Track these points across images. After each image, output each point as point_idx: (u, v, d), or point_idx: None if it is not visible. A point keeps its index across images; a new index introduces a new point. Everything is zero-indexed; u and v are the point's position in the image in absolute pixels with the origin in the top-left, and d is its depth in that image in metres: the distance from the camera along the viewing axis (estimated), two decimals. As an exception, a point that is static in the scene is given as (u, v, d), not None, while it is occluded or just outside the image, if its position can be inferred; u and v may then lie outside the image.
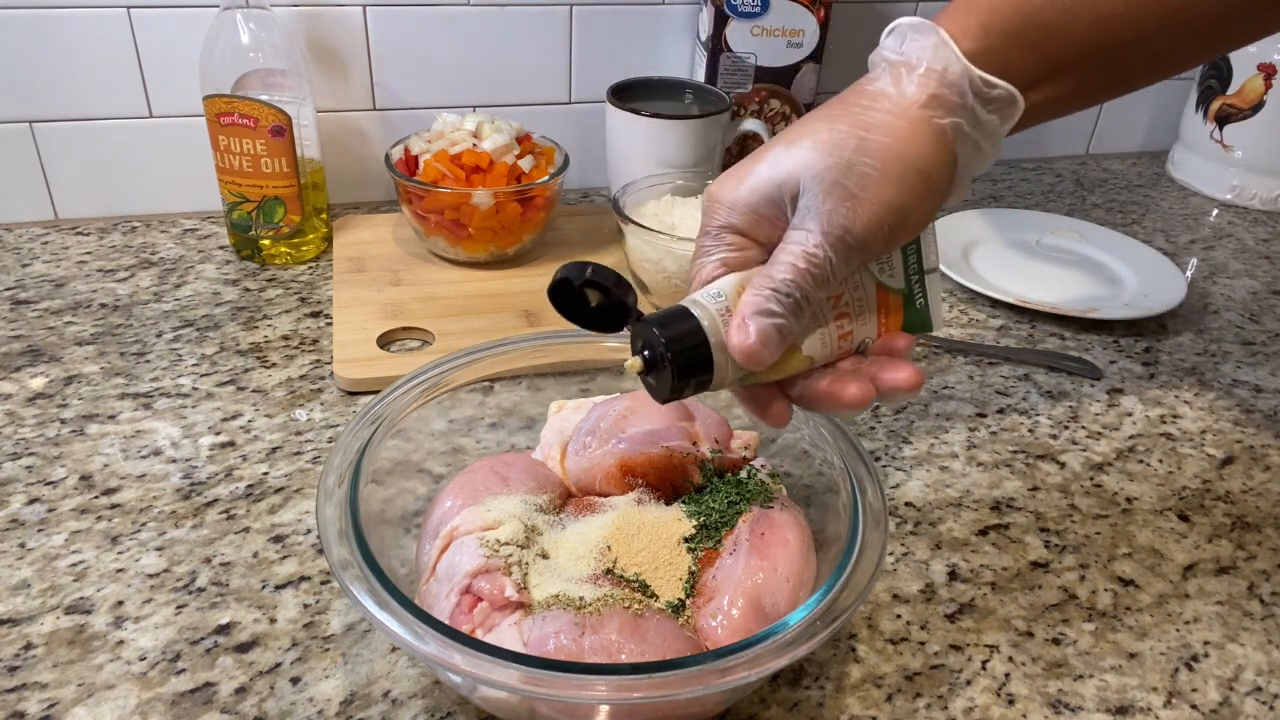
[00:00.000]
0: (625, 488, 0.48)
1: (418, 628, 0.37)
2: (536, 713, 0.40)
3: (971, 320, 0.79)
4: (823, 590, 0.40)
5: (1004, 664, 0.49)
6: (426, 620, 0.37)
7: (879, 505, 0.45)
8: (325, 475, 0.44)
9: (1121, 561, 0.56)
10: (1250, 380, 0.74)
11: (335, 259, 0.79)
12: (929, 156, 0.40)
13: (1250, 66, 1.00)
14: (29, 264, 0.78)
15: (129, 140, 0.83)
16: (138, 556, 0.52)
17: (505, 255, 0.80)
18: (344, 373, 0.65)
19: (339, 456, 0.45)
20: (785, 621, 0.39)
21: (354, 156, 0.89)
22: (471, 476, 0.47)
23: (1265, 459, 0.65)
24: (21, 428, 0.60)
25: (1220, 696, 0.48)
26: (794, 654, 0.37)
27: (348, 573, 0.39)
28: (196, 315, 0.73)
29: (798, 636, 0.38)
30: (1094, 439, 0.66)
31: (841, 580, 0.40)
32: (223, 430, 0.61)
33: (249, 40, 0.72)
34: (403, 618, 0.37)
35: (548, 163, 0.81)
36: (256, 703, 0.44)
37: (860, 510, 0.44)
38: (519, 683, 0.35)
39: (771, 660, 0.37)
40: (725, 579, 0.43)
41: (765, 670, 0.37)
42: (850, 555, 0.42)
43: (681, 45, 0.93)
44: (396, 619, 0.37)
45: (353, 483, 0.43)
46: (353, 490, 0.43)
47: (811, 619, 0.39)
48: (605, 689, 0.36)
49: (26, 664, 0.45)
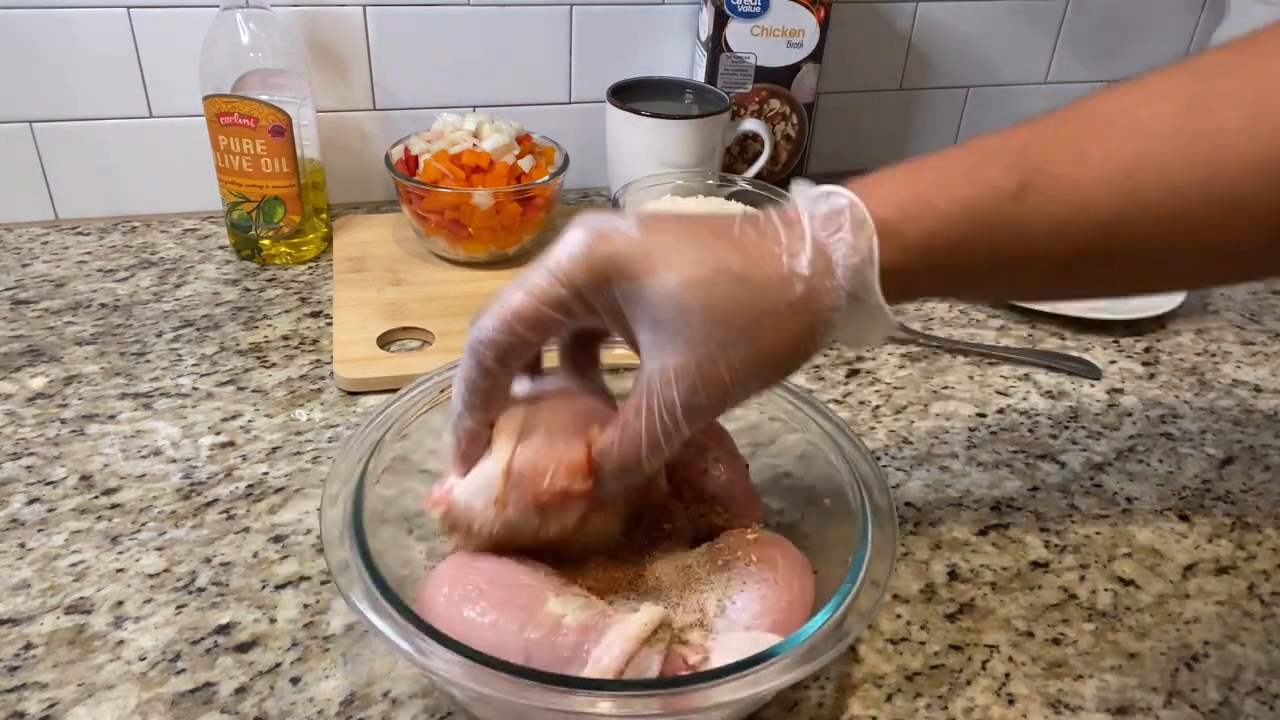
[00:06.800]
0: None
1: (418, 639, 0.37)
2: None
3: (971, 320, 0.79)
4: (837, 597, 0.40)
5: (1004, 664, 0.49)
6: (424, 628, 0.37)
7: (886, 506, 0.45)
8: (330, 481, 0.44)
9: (1121, 561, 0.56)
10: (1250, 380, 0.74)
11: (335, 259, 0.79)
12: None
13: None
14: (29, 264, 0.78)
15: (129, 140, 0.83)
16: (138, 556, 0.52)
17: (505, 255, 0.80)
18: (344, 373, 0.65)
19: (344, 464, 0.45)
20: (801, 633, 0.38)
21: (354, 156, 0.89)
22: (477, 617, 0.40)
23: (1265, 459, 0.65)
24: (21, 428, 0.60)
25: (1220, 696, 0.48)
26: (811, 666, 0.37)
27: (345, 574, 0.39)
28: (196, 315, 0.73)
29: (817, 645, 0.38)
30: (1094, 439, 0.66)
31: (855, 586, 0.40)
32: (223, 430, 0.61)
33: (249, 40, 0.72)
34: (403, 627, 0.37)
35: (548, 163, 0.81)
36: (256, 703, 0.44)
37: (868, 513, 0.44)
38: (512, 694, 0.35)
39: (790, 672, 0.37)
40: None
41: (783, 682, 0.37)
42: (863, 557, 0.42)
43: (681, 45, 0.93)
44: (396, 628, 0.37)
45: (358, 487, 0.44)
46: (358, 492, 0.43)
47: (831, 625, 0.39)
48: (611, 705, 0.35)
49: (26, 664, 0.45)
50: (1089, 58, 1.07)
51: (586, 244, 0.37)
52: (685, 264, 0.36)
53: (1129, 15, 1.06)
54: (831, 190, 0.38)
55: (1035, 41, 1.05)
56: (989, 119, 1.08)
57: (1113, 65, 1.09)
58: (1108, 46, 1.07)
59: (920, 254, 0.37)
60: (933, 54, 1.01)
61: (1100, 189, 0.36)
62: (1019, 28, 1.03)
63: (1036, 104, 1.09)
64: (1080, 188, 0.36)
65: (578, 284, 0.37)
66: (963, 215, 0.37)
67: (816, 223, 0.37)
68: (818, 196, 0.38)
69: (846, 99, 1.01)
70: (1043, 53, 1.06)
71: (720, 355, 0.36)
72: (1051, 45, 1.05)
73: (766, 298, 0.36)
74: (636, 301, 0.37)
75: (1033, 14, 1.03)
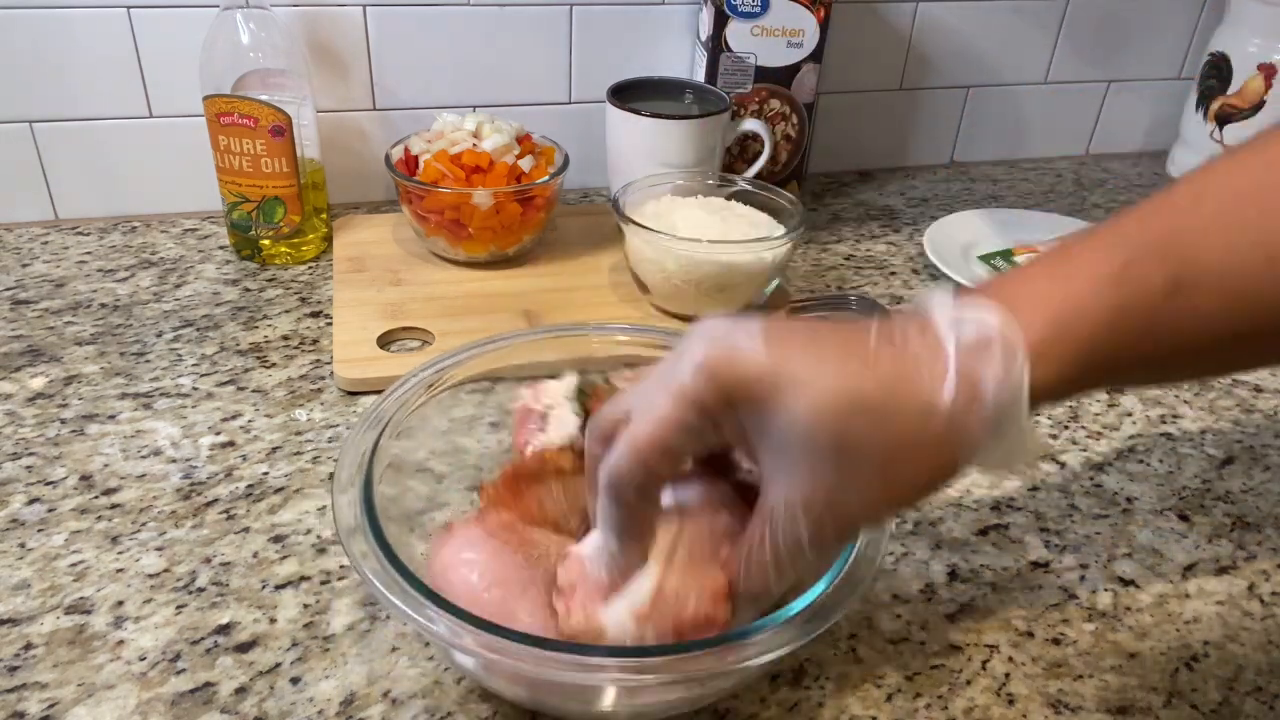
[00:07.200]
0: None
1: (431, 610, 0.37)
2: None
3: (971, 320, 0.79)
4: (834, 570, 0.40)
5: (1004, 664, 0.49)
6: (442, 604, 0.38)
7: None
8: (340, 469, 0.44)
9: (1121, 561, 0.56)
10: (1250, 380, 0.74)
11: (335, 259, 0.79)
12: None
13: (1250, 66, 1.00)
14: (29, 264, 0.78)
15: (129, 140, 0.83)
16: (138, 556, 0.52)
17: (505, 255, 0.80)
18: (344, 373, 0.65)
19: (350, 453, 0.45)
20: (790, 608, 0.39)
21: (354, 156, 0.89)
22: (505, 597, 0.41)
23: (1265, 459, 0.65)
24: (21, 428, 0.60)
25: (1220, 696, 0.48)
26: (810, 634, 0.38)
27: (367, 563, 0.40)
28: (196, 315, 0.73)
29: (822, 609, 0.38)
30: (1094, 439, 0.66)
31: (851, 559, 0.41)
32: (223, 430, 0.61)
33: (249, 40, 0.72)
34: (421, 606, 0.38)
35: (548, 163, 0.81)
36: (256, 703, 0.44)
37: None
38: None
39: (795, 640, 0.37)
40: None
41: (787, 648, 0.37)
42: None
43: (681, 45, 0.93)
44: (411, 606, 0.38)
45: (367, 476, 0.44)
46: (367, 482, 0.43)
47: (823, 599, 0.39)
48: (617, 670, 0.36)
49: (26, 664, 0.45)
50: (1089, 58, 1.07)
51: (712, 366, 0.34)
52: (816, 395, 0.33)
53: (1129, 15, 1.06)
54: (978, 309, 0.34)
55: (1035, 41, 1.05)
56: (989, 119, 1.08)
57: (1113, 65, 1.09)
58: (1108, 46, 1.07)
59: (1073, 367, 0.34)
60: (933, 54, 1.01)
61: (1254, 274, 0.34)
62: (1019, 28, 1.03)
63: (1037, 104, 1.09)
64: (1235, 275, 0.34)
65: (707, 410, 0.34)
66: (1119, 323, 0.34)
67: (962, 348, 0.34)
68: (962, 318, 0.34)
69: (846, 99, 1.01)
70: (1043, 53, 1.06)
71: (851, 489, 0.34)
72: (1051, 45, 1.05)
73: (905, 432, 0.33)
74: (762, 429, 0.34)
75: (1033, 14, 1.03)
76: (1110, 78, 1.10)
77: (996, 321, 0.34)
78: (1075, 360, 0.34)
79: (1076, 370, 0.34)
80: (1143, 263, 0.35)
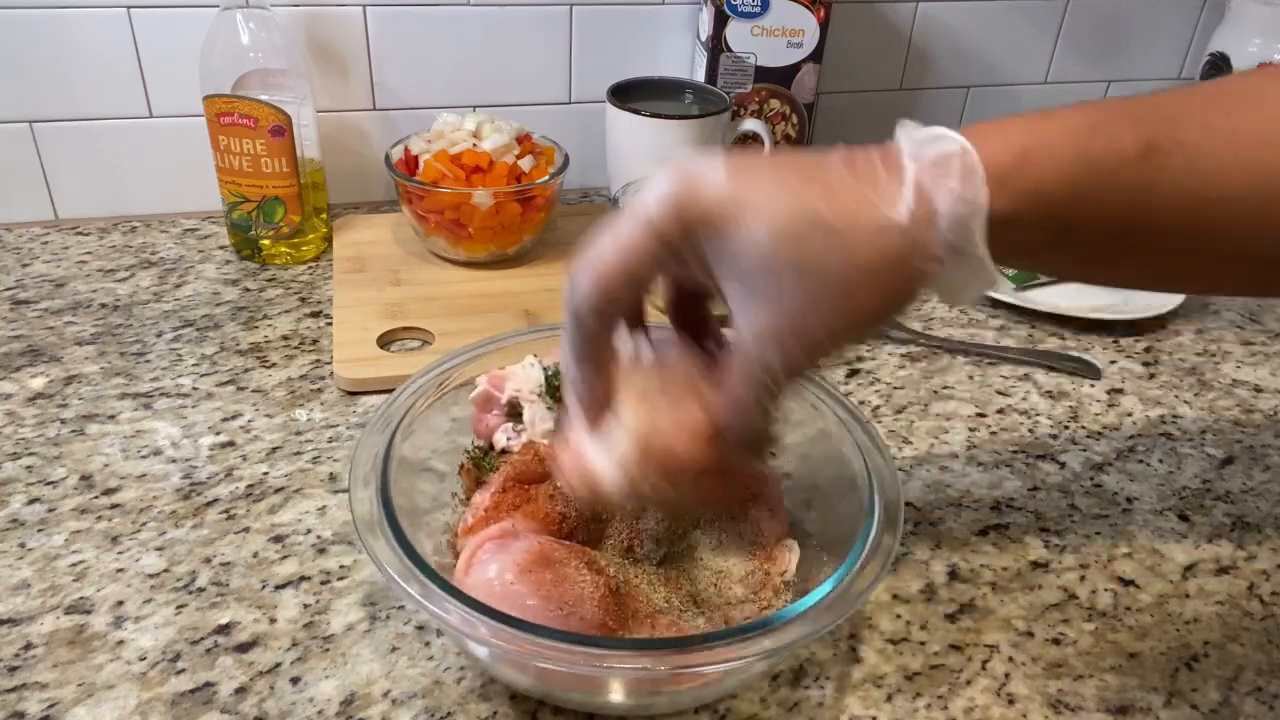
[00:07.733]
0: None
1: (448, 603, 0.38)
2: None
3: (971, 320, 0.79)
4: (843, 568, 0.41)
5: (1004, 664, 0.49)
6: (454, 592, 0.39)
7: (890, 473, 0.46)
8: (355, 467, 0.45)
9: (1121, 561, 0.56)
10: (1250, 380, 0.74)
11: (335, 259, 0.79)
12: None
13: (1250, 66, 1.00)
14: (29, 264, 0.78)
15: (129, 140, 0.83)
16: (138, 556, 0.52)
17: (505, 255, 0.80)
18: (344, 373, 0.65)
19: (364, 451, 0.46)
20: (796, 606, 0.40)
21: (354, 156, 0.89)
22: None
23: (1265, 459, 0.65)
24: (21, 428, 0.60)
25: (1220, 696, 0.48)
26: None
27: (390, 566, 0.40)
28: (196, 315, 0.73)
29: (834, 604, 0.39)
30: (1094, 439, 0.66)
31: (859, 560, 0.42)
32: (223, 430, 0.61)
33: (249, 40, 0.72)
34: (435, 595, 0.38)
35: (548, 163, 0.81)
36: (256, 703, 0.44)
37: (874, 486, 0.46)
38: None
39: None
40: None
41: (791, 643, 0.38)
42: (869, 532, 0.43)
43: (681, 45, 0.93)
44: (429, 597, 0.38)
45: (383, 471, 0.44)
46: (384, 478, 0.44)
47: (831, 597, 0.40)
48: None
49: (26, 664, 0.45)
50: (1089, 58, 1.07)
51: (674, 193, 0.35)
52: (774, 216, 0.33)
53: (1129, 15, 1.06)
54: (941, 133, 0.35)
55: (1035, 41, 1.05)
56: (989, 119, 1.07)
57: (1113, 65, 1.09)
58: (1108, 46, 1.07)
59: (1032, 204, 0.34)
60: (933, 54, 1.01)
61: (1227, 162, 0.35)
62: (1019, 28, 1.03)
63: (1036, 104, 1.08)
64: (1207, 157, 0.35)
65: (667, 236, 0.35)
66: (1083, 168, 0.34)
67: (921, 167, 0.34)
68: (925, 140, 0.35)
69: (846, 99, 1.01)
70: (1043, 53, 1.06)
71: (813, 311, 0.34)
72: (1051, 45, 1.05)
73: (861, 251, 0.33)
74: (723, 256, 0.35)
75: (1033, 14, 1.03)
76: (1110, 78, 1.10)
77: (958, 146, 0.34)
78: (1035, 198, 0.34)
79: (1033, 209, 0.34)
80: (1120, 124, 0.35)
